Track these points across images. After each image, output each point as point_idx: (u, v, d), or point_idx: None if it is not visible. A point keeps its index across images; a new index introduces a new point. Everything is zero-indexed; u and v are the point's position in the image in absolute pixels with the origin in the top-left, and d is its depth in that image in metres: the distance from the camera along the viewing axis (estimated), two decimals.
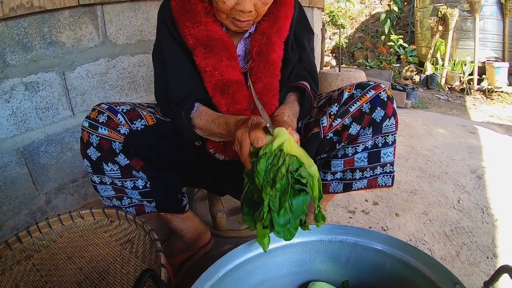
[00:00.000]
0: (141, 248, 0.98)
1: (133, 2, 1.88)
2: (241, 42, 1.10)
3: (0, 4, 1.40)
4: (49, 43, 1.62)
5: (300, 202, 0.72)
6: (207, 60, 1.01)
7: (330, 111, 1.06)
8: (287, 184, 0.70)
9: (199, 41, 1.01)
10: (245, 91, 1.05)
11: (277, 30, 1.05)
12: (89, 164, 1.04)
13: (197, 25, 1.00)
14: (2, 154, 1.54)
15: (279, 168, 0.70)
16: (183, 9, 1.01)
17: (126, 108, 1.04)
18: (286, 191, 0.70)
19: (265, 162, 0.71)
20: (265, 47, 1.04)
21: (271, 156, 0.72)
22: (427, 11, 6.00)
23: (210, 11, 1.01)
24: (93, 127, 0.99)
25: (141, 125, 1.04)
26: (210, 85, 1.03)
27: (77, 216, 1.14)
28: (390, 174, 1.14)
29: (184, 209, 1.23)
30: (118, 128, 1.00)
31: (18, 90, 1.55)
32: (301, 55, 1.16)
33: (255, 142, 0.75)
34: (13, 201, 1.61)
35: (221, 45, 1.01)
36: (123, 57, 1.92)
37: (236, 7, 0.93)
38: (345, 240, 0.91)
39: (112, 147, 1.01)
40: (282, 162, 0.70)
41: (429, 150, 2.50)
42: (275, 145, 0.73)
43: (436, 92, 5.12)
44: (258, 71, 1.05)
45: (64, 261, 0.99)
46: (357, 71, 3.01)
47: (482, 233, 1.53)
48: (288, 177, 0.70)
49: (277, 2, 1.05)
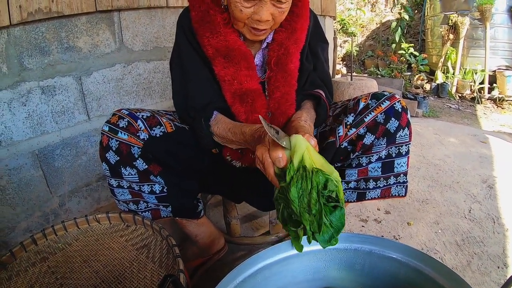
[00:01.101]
0: (157, 253, 0.99)
1: (150, 9, 1.92)
2: (259, 52, 1.12)
3: (19, 9, 1.44)
4: (66, 48, 1.66)
5: (338, 217, 0.76)
6: (226, 70, 1.03)
7: (346, 121, 1.07)
8: (321, 206, 0.74)
9: (219, 51, 1.03)
10: (263, 100, 1.07)
11: (294, 41, 1.07)
12: (107, 168, 1.06)
13: (216, 35, 1.02)
14: (18, 157, 1.57)
15: (310, 192, 0.74)
16: (203, 19, 1.03)
17: (146, 114, 1.06)
18: (322, 213, 0.74)
19: (296, 189, 0.75)
20: (283, 58, 1.06)
21: (298, 180, 0.75)
22: (437, 20, 5.99)
23: (229, 22, 1.03)
24: (113, 132, 1.01)
25: (160, 132, 1.05)
26: (229, 94, 1.05)
27: (93, 220, 1.16)
28: (404, 184, 1.15)
29: (199, 215, 1.24)
30: (138, 134, 1.02)
31: (35, 93, 1.58)
32: (315, 64, 1.18)
33: (277, 163, 0.78)
34: (27, 202, 1.63)
35: (240, 55, 1.03)
36: (139, 63, 1.95)
37: (253, 16, 0.95)
38: (360, 248, 0.91)
39: (131, 152, 1.02)
40: (311, 185, 0.74)
41: (440, 159, 2.49)
42: (296, 163, 0.76)
43: (447, 101, 5.09)
44: (276, 80, 1.07)
45: (79, 264, 1.00)
46: (369, 80, 3.02)
47: (493, 242, 1.52)
48: (320, 200, 0.74)
49: (294, 14, 1.07)
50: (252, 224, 1.72)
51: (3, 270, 0.97)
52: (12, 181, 1.56)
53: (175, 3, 1.99)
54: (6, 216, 1.56)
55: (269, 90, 1.08)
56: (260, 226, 1.71)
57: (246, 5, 0.94)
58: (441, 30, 5.66)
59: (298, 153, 0.77)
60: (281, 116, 1.07)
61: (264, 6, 0.93)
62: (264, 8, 0.93)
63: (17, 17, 1.44)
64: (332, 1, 3.68)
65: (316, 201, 0.73)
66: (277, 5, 0.95)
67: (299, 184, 0.74)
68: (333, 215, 0.75)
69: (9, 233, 1.58)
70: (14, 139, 1.54)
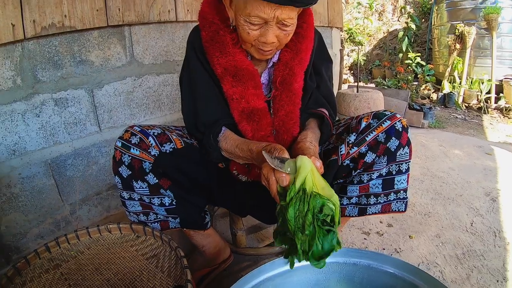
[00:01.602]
0: (166, 263, 1.04)
1: (159, 24, 1.98)
2: (265, 71, 1.17)
3: (33, 23, 1.50)
4: (79, 62, 1.72)
5: (329, 241, 0.81)
6: (234, 89, 1.08)
7: (349, 139, 1.12)
8: (315, 228, 0.79)
9: (227, 71, 1.08)
10: (269, 119, 1.11)
11: (299, 62, 1.12)
12: (120, 181, 1.11)
13: (225, 55, 1.07)
14: (31, 165, 1.62)
15: (305, 214, 0.78)
16: (213, 39, 1.08)
17: (157, 131, 1.12)
18: (315, 235, 0.78)
19: (293, 209, 0.80)
20: (288, 77, 1.11)
21: (297, 202, 0.80)
22: (444, 29, 5.99)
23: (237, 42, 1.08)
24: (125, 147, 1.07)
25: (170, 148, 1.10)
26: (237, 112, 1.09)
27: (104, 230, 1.21)
28: (404, 200, 1.18)
29: (206, 226, 1.29)
30: (149, 150, 1.07)
31: (48, 105, 1.64)
32: (319, 83, 1.23)
33: (280, 181, 0.83)
34: (39, 210, 1.68)
35: (248, 74, 1.08)
36: (149, 76, 2.01)
37: (259, 38, 1.00)
38: (359, 263, 0.95)
39: (142, 167, 1.08)
40: (307, 208, 0.78)
41: (444, 172, 2.51)
42: (298, 185, 0.81)
43: (453, 111, 5.09)
44: (281, 99, 1.11)
45: (91, 272, 1.05)
46: (375, 92, 3.03)
47: (493, 256, 1.54)
48: (315, 222, 0.78)
49: (300, 35, 1.12)
50: (257, 235, 1.76)
51: (18, 276, 1.02)
52: (25, 189, 1.62)
53: (184, 17, 2.04)
54: (19, 222, 1.62)
55: (274, 108, 1.13)
56: (265, 237, 1.75)
57: (253, 28, 0.99)
58: (447, 40, 5.67)
59: (301, 175, 0.82)
60: (285, 133, 1.11)
61: (269, 29, 0.98)
62: (269, 31, 0.98)
63: (31, 31, 1.50)
64: (339, 13, 3.72)
65: (311, 223, 0.78)
66: (282, 28, 1.00)
67: (297, 206, 0.79)
68: (325, 238, 0.79)
69: (21, 238, 1.63)
70: (27, 148, 1.60)
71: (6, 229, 1.57)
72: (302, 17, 1.12)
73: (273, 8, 0.92)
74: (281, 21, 0.97)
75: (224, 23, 1.08)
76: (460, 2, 5.67)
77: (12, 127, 1.54)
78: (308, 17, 1.15)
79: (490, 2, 5.26)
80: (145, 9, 1.87)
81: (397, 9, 8.58)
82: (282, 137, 1.11)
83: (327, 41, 3.55)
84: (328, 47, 3.78)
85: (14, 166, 1.57)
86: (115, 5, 1.75)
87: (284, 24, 0.98)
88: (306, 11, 1.14)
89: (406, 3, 8.46)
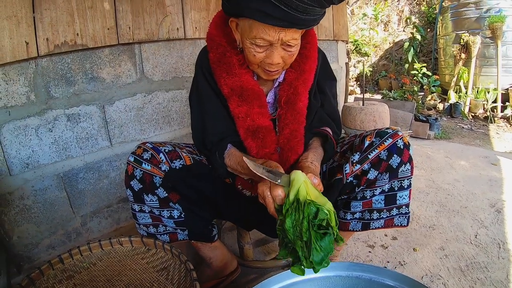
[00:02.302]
0: (176, 276, 1.08)
1: (168, 41, 2.04)
2: (271, 91, 1.21)
3: (46, 41, 1.56)
4: (91, 78, 1.78)
5: (327, 242, 0.83)
6: (240, 108, 1.13)
7: (353, 159, 1.16)
8: (310, 233, 0.82)
9: (234, 91, 1.13)
10: (273, 136, 1.15)
11: (303, 81, 1.16)
12: (131, 194, 1.17)
13: (232, 76, 1.12)
14: (44, 178, 1.68)
15: (301, 222, 0.82)
16: (220, 61, 1.13)
17: (168, 148, 1.18)
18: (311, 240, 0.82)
19: (290, 220, 0.84)
20: (292, 97, 1.15)
21: (292, 212, 0.84)
22: (449, 39, 6.01)
23: (243, 63, 1.13)
24: (137, 162, 1.13)
25: (179, 164, 1.16)
26: (243, 130, 1.14)
27: (116, 243, 1.25)
28: (406, 215, 1.21)
29: (213, 239, 1.33)
30: (160, 165, 1.13)
31: (61, 120, 1.70)
32: (323, 101, 1.27)
33: (276, 200, 0.88)
34: (51, 221, 1.74)
35: (253, 94, 1.13)
36: (159, 92, 2.07)
37: (265, 60, 1.04)
38: (361, 276, 0.99)
39: (153, 181, 1.13)
40: (302, 215, 0.83)
41: (449, 183, 2.52)
42: (292, 197, 0.86)
43: (459, 121, 5.09)
44: (286, 118, 1.16)
45: (103, 283, 1.09)
46: (380, 105, 3.03)
47: (497, 268, 1.55)
48: (310, 228, 0.82)
49: (303, 56, 1.16)
50: (264, 248, 1.79)
51: (32, 286, 1.06)
52: (37, 201, 1.68)
53: (192, 35, 2.11)
54: (31, 233, 1.67)
55: (279, 127, 1.17)
56: (272, 251, 1.78)
57: (259, 51, 1.03)
58: (453, 50, 5.69)
59: (294, 187, 0.87)
60: (289, 151, 1.14)
61: (275, 51, 1.02)
62: (275, 52, 1.02)
63: (45, 49, 1.57)
64: (344, 26, 3.77)
65: (307, 229, 0.82)
66: (287, 49, 1.04)
67: (293, 216, 0.84)
68: (322, 241, 0.83)
69: (32, 249, 1.68)
70: (40, 162, 1.66)
71: (18, 239, 1.63)
72: (305, 37, 1.17)
73: (277, 31, 0.97)
74: (285, 42, 1.01)
75: (231, 45, 1.13)
76: (464, 12, 5.70)
77: (26, 141, 1.60)
78: (311, 38, 1.19)
79: (495, 11, 5.28)
80: (155, 27, 1.94)
81: (402, 19, 8.63)
82: (286, 155, 1.15)
83: (332, 54, 3.62)
84: (333, 60, 3.80)
85: (27, 179, 1.63)
86: (125, 24, 1.81)
87: (288, 45, 1.02)
88: (309, 32, 1.18)
89: (411, 13, 8.51)
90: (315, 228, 0.82)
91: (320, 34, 3.30)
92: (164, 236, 1.26)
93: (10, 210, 1.59)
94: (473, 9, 5.58)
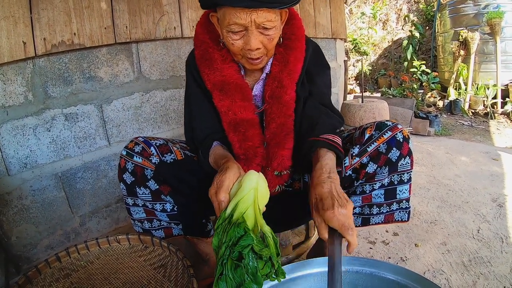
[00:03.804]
0: (173, 273, 1.07)
1: (165, 40, 2.04)
2: (258, 83, 1.20)
3: (43, 41, 1.57)
4: (88, 78, 1.78)
5: (238, 274, 0.75)
6: (222, 102, 1.13)
7: (352, 152, 1.13)
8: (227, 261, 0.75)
9: (215, 85, 1.13)
10: (257, 130, 1.14)
11: (288, 73, 1.14)
12: (124, 187, 1.18)
13: (213, 71, 1.13)
14: (42, 178, 1.68)
15: (222, 244, 0.76)
16: (203, 57, 1.15)
17: (159, 142, 1.19)
18: (226, 268, 0.75)
19: (217, 239, 0.78)
20: (277, 90, 1.13)
21: (220, 231, 0.78)
22: (448, 36, 6.01)
23: (227, 58, 1.13)
24: (129, 156, 1.14)
25: (170, 159, 1.17)
26: (226, 124, 1.14)
27: (113, 241, 1.24)
28: (406, 209, 1.20)
29: (208, 234, 1.33)
30: (150, 158, 1.14)
31: (59, 120, 1.70)
32: (311, 89, 1.22)
33: (220, 205, 0.84)
34: (49, 221, 1.73)
35: (235, 88, 1.12)
36: (156, 91, 2.06)
37: (245, 47, 1.03)
38: (362, 271, 0.97)
39: (144, 174, 1.14)
40: (225, 239, 0.76)
41: (450, 179, 2.51)
42: (228, 210, 0.80)
43: (459, 118, 5.08)
44: (272, 112, 1.14)
45: (100, 281, 1.08)
46: (379, 102, 3.03)
47: (500, 262, 1.54)
48: (227, 255, 0.75)
49: (288, 47, 1.15)
50: None
51: (29, 284, 1.05)
52: (36, 201, 1.67)
53: (189, 34, 2.10)
54: (30, 233, 1.67)
55: (266, 121, 1.15)
56: None
57: (235, 38, 1.02)
58: (452, 47, 5.68)
59: (237, 197, 0.81)
60: (276, 146, 1.12)
61: (251, 36, 1.00)
62: (251, 37, 1.00)
63: (42, 49, 1.57)
64: (342, 25, 3.77)
65: (222, 255, 0.75)
66: (264, 33, 1.02)
67: (219, 235, 0.78)
68: (235, 271, 0.75)
69: (31, 249, 1.68)
70: (38, 162, 1.66)
71: (17, 239, 1.62)
72: (290, 28, 1.15)
73: (248, 13, 0.95)
74: (260, 25, 0.99)
75: (214, 41, 1.13)
76: (462, 8, 5.70)
77: (24, 141, 1.60)
78: (297, 29, 1.17)
79: (493, 7, 5.29)
80: (152, 26, 1.93)
81: (400, 17, 8.63)
82: (273, 150, 1.12)
83: (331, 52, 3.62)
84: (332, 58, 3.80)
85: (25, 179, 1.63)
86: (122, 23, 1.81)
87: (264, 27, 1.00)
88: (294, 23, 1.16)
89: (409, 11, 8.51)
90: (233, 255, 0.75)
91: (318, 32, 3.29)
92: (159, 232, 1.26)
93: (8, 210, 1.58)
94: (471, 6, 5.58)
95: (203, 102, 1.19)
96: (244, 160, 1.11)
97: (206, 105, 1.18)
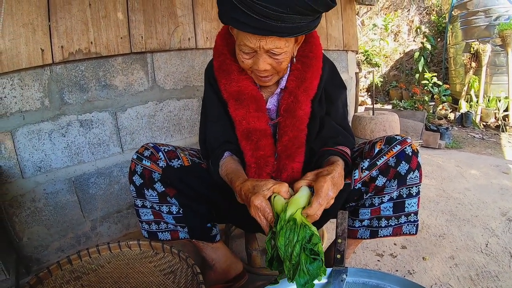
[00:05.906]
0: (183, 279, 1.09)
1: (180, 51, 2.08)
2: (273, 97, 1.23)
3: (61, 49, 1.61)
4: (104, 86, 1.82)
5: (315, 268, 0.85)
6: (237, 111, 1.16)
7: (362, 165, 1.16)
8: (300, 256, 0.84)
9: (231, 95, 1.17)
10: (269, 140, 1.17)
11: (304, 90, 1.17)
12: (134, 189, 1.22)
13: (230, 81, 1.17)
14: (55, 182, 1.72)
15: (294, 245, 0.84)
16: (221, 68, 1.19)
17: (168, 148, 1.24)
18: (302, 261, 0.84)
19: (283, 238, 0.85)
20: (292, 105, 1.17)
21: (287, 231, 0.85)
22: (460, 48, 5.98)
23: (243, 70, 1.17)
24: (139, 159, 1.20)
25: (177, 164, 1.21)
26: (239, 133, 1.17)
27: (124, 246, 1.27)
28: (414, 223, 1.21)
29: (214, 239, 1.35)
30: (158, 162, 1.19)
31: (74, 126, 1.74)
32: (329, 109, 1.26)
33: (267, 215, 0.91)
34: (61, 224, 1.77)
35: (250, 98, 1.16)
36: (170, 101, 2.10)
37: (253, 66, 1.08)
38: (368, 283, 0.99)
39: (152, 176, 1.19)
40: (297, 238, 0.85)
41: (460, 192, 2.50)
42: (288, 214, 0.87)
43: (471, 130, 5.04)
44: (285, 125, 1.17)
45: (110, 285, 1.11)
46: (390, 114, 3.03)
47: (508, 277, 1.53)
48: (301, 252, 0.84)
49: (305, 65, 1.18)
50: None
51: (40, 285, 1.08)
52: (48, 204, 1.71)
53: (203, 44, 2.14)
54: (41, 235, 1.70)
55: (278, 134, 1.18)
56: None
57: (246, 57, 1.07)
58: (463, 59, 5.65)
59: (293, 205, 0.89)
60: (287, 158, 1.15)
61: (259, 58, 1.04)
62: (260, 59, 1.04)
63: (59, 56, 1.62)
64: (354, 37, 3.79)
65: (298, 254, 0.84)
66: (273, 57, 1.05)
67: (287, 235, 0.85)
68: (312, 265, 0.84)
69: (42, 251, 1.71)
70: (52, 166, 1.70)
71: (28, 241, 1.66)
72: (309, 46, 1.19)
73: (257, 39, 0.99)
74: (268, 50, 1.02)
75: (232, 53, 1.17)
76: (474, 20, 5.68)
77: (39, 145, 1.64)
78: (315, 47, 1.20)
79: (504, 19, 5.27)
80: (167, 37, 1.98)
81: (412, 29, 8.62)
82: (283, 162, 1.15)
83: (342, 65, 3.63)
84: (343, 70, 3.82)
85: (39, 182, 1.67)
86: (138, 33, 1.86)
87: (273, 53, 1.03)
88: (312, 41, 1.20)
89: (421, 23, 8.51)
90: (307, 252, 0.84)
91: (330, 44, 3.31)
92: (165, 234, 1.29)
93: (21, 212, 1.62)
94: (482, 17, 5.56)
95: (220, 111, 1.23)
96: (255, 169, 1.14)
97: (222, 113, 1.22)
